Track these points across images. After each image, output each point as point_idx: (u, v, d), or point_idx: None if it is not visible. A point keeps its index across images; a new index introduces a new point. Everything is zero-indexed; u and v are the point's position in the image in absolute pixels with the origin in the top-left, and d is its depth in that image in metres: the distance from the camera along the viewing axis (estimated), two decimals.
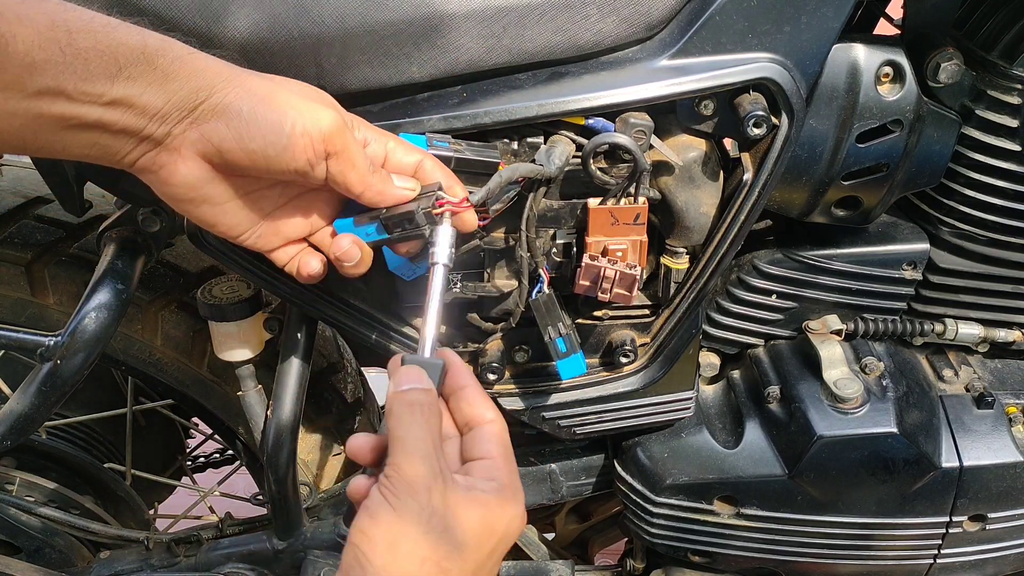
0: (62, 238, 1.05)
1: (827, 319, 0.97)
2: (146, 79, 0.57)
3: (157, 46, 0.58)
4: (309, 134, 0.61)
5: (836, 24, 0.75)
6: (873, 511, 0.97)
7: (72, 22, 0.55)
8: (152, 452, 1.37)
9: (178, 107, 0.59)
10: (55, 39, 0.54)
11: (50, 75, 0.54)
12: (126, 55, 0.57)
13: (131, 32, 0.58)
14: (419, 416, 0.59)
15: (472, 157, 0.73)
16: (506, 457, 0.63)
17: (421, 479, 0.57)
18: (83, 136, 0.58)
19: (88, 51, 0.55)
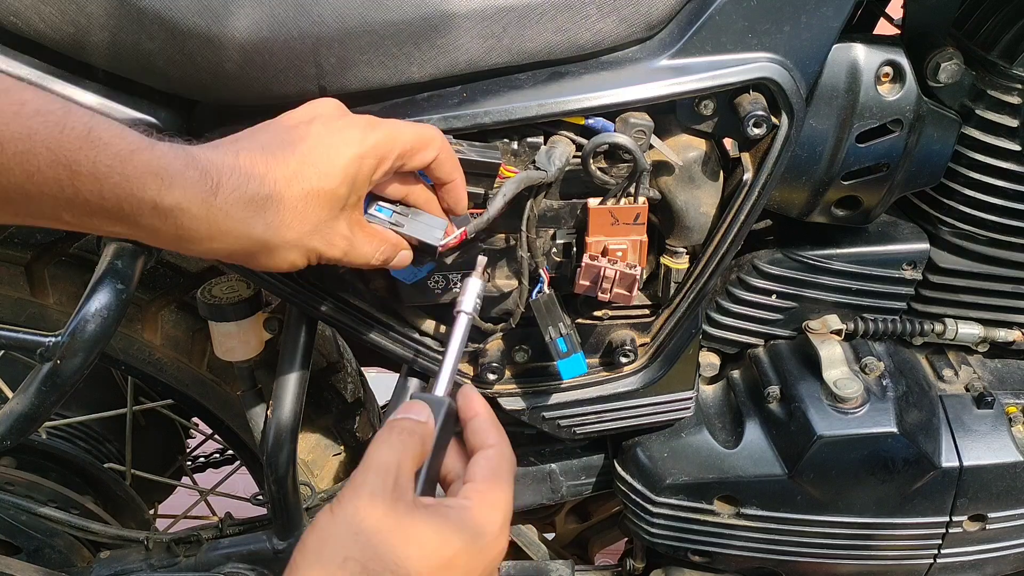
0: (62, 238, 1.05)
1: (827, 319, 0.97)
2: (154, 231, 0.58)
3: (170, 207, 0.57)
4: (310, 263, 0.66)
5: (836, 24, 0.75)
6: (873, 511, 0.97)
7: (80, 164, 0.53)
8: (152, 452, 1.37)
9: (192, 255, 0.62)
10: (55, 179, 0.53)
11: (46, 205, 0.54)
12: (133, 207, 0.56)
13: (147, 186, 0.55)
14: (394, 438, 0.60)
15: (473, 157, 0.73)
16: (491, 479, 0.62)
17: (366, 486, 0.57)
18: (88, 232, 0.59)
19: (91, 195, 0.54)
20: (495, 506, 0.60)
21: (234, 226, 0.60)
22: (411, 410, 0.63)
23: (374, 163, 0.65)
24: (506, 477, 0.63)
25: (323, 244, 0.64)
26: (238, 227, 0.60)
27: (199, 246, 0.60)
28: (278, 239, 0.62)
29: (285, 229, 0.62)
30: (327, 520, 0.56)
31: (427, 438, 0.62)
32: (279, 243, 0.62)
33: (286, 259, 0.64)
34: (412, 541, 0.56)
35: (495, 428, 0.65)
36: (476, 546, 0.58)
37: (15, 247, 1.03)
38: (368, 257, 0.68)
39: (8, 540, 1.11)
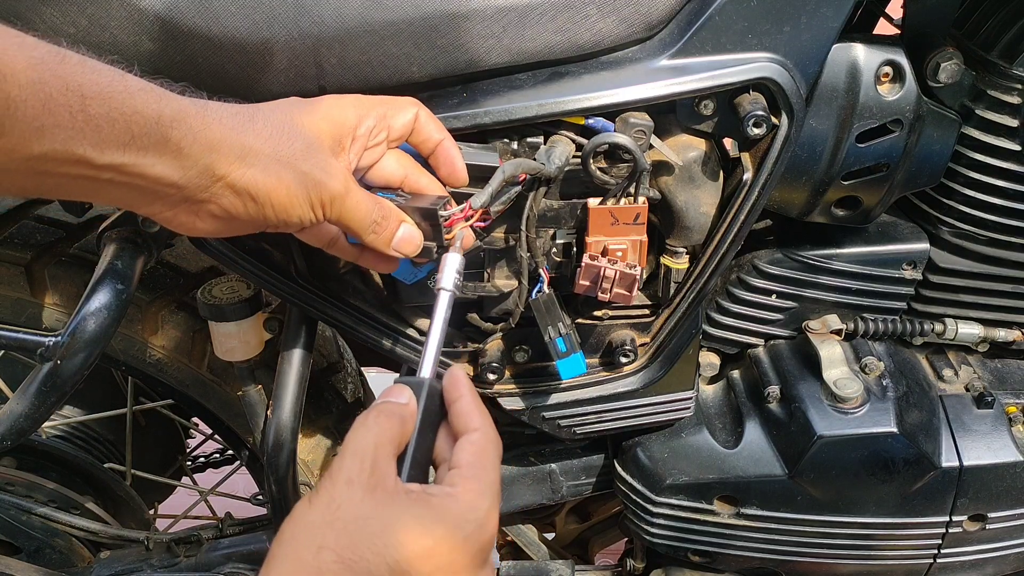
0: (62, 238, 1.05)
1: (827, 319, 0.97)
2: (158, 150, 0.57)
3: (172, 116, 0.57)
4: (313, 207, 0.64)
5: (836, 24, 0.75)
6: (873, 511, 0.97)
7: (87, 87, 0.54)
8: (152, 452, 1.37)
9: (193, 181, 0.59)
10: (67, 104, 0.53)
11: (59, 140, 0.53)
12: (140, 124, 0.56)
13: (148, 100, 0.56)
14: (371, 421, 0.59)
15: (470, 161, 0.72)
16: (476, 465, 0.60)
17: (342, 472, 0.56)
18: (94, 188, 0.58)
19: (100, 118, 0.54)
20: (481, 493, 0.58)
21: (227, 133, 0.60)
22: (391, 393, 0.62)
23: (354, 114, 0.66)
24: (491, 461, 0.61)
25: (319, 171, 0.63)
26: (230, 134, 0.60)
27: (200, 161, 0.59)
28: (268, 148, 0.61)
29: (275, 142, 0.62)
30: (303, 509, 0.55)
31: (407, 419, 0.61)
32: (270, 153, 0.61)
33: (281, 180, 0.62)
34: (392, 529, 0.54)
35: (479, 411, 0.63)
36: (460, 535, 0.56)
37: (15, 247, 1.03)
38: (368, 210, 0.66)
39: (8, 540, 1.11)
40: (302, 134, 0.63)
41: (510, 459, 1.05)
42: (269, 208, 0.62)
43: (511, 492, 1.05)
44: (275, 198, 0.62)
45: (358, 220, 0.66)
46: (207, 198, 0.61)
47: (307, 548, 0.53)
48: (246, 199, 0.62)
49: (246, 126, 0.61)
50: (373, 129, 0.67)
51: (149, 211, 0.61)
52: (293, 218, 0.64)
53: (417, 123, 0.69)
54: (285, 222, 0.64)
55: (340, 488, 0.55)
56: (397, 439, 0.59)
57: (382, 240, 0.68)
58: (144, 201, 0.60)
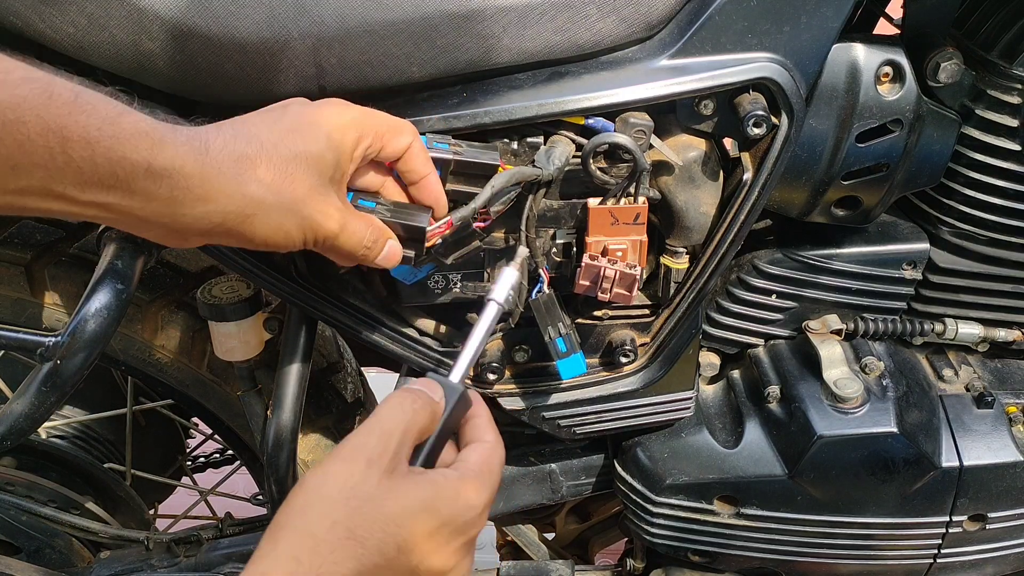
0: (62, 238, 1.05)
1: (827, 319, 0.97)
2: (145, 196, 0.56)
3: (163, 167, 0.56)
4: (305, 244, 0.65)
5: (836, 24, 0.75)
6: (873, 511, 0.97)
7: (71, 129, 0.52)
8: (152, 452, 1.37)
9: (184, 224, 0.59)
10: (46, 146, 0.51)
11: (36, 178, 0.52)
12: (127, 170, 0.55)
13: (139, 146, 0.55)
14: (407, 406, 0.60)
15: (472, 159, 0.73)
16: (483, 464, 0.62)
17: (365, 450, 0.57)
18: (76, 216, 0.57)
19: (83, 161, 0.53)
20: (483, 486, 0.61)
21: (227, 183, 0.59)
22: (428, 386, 0.63)
23: (355, 135, 0.65)
24: (496, 470, 0.64)
25: (318, 214, 0.63)
26: (231, 184, 0.59)
27: (194, 209, 0.58)
28: (271, 198, 0.61)
29: (277, 189, 0.61)
30: (318, 481, 0.56)
31: (436, 416, 0.62)
32: (272, 203, 0.61)
33: (281, 226, 0.62)
34: (403, 511, 0.56)
35: (493, 429, 0.66)
36: (461, 520, 0.59)
37: (15, 247, 1.03)
38: (360, 238, 0.67)
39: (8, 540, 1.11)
40: (306, 174, 0.63)
41: (510, 459, 1.05)
42: (262, 245, 0.63)
43: (511, 492, 1.05)
44: (270, 240, 0.63)
45: (349, 248, 0.67)
46: (198, 236, 0.62)
47: (320, 522, 0.55)
48: (240, 240, 0.63)
49: (248, 174, 0.60)
50: (370, 147, 0.67)
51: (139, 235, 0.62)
52: (282, 249, 0.65)
53: (409, 152, 0.69)
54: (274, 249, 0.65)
55: (360, 467, 0.56)
56: (423, 432, 0.61)
57: (368, 260, 0.69)
58: (131, 227, 0.60)
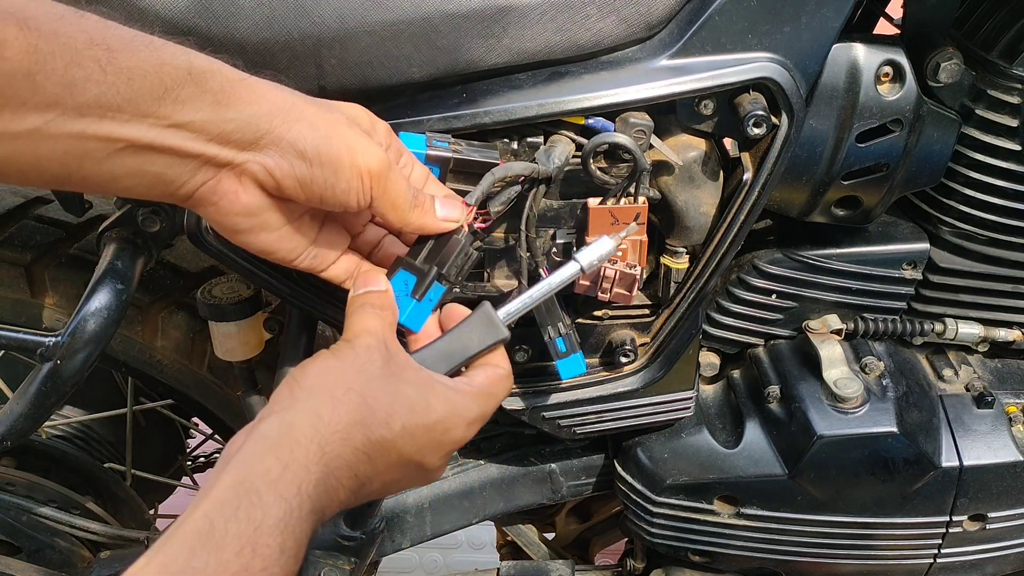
0: (62, 238, 1.05)
1: (827, 319, 0.97)
2: (196, 102, 0.55)
3: (204, 67, 0.55)
4: (361, 177, 0.61)
5: (836, 24, 0.75)
6: (873, 511, 0.97)
7: (112, 40, 0.52)
8: (152, 452, 1.37)
9: (237, 134, 0.57)
10: (94, 57, 0.51)
11: (92, 93, 0.51)
12: (172, 75, 0.54)
13: (176, 52, 0.55)
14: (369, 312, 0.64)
15: (471, 158, 0.73)
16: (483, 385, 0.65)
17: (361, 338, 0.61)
18: (133, 162, 0.55)
19: (131, 70, 0.52)
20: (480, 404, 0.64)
21: (268, 89, 0.58)
22: (368, 282, 0.66)
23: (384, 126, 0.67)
24: (499, 393, 0.67)
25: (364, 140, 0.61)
26: (272, 90, 0.59)
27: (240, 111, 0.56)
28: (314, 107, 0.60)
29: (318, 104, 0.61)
30: (328, 356, 0.60)
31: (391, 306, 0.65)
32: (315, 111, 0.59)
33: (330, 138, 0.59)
34: (403, 396, 0.60)
35: (506, 362, 0.69)
36: (447, 425, 0.62)
37: (15, 248, 1.03)
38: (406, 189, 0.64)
39: (8, 540, 1.11)
40: (340, 109, 0.63)
41: (510, 459, 1.05)
42: (318, 168, 0.59)
43: (511, 492, 1.05)
44: (324, 155, 0.59)
45: (401, 194, 0.63)
46: (251, 157, 0.58)
47: (337, 384, 0.58)
48: (293, 158, 0.58)
49: (284, 89, 0.60)
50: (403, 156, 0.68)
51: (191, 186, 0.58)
52: (341, 183, 0.60)
53: None
54: (334, 190, 0.60)
55: (361, 350, 0.60)
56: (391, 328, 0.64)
57: (427, 212, 0.66)
58: (185, 171, 0.57)
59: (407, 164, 0.68)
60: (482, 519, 1.06)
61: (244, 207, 0.60)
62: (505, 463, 1.05)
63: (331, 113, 0.61)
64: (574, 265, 0.70)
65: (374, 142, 0.62)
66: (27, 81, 0.49)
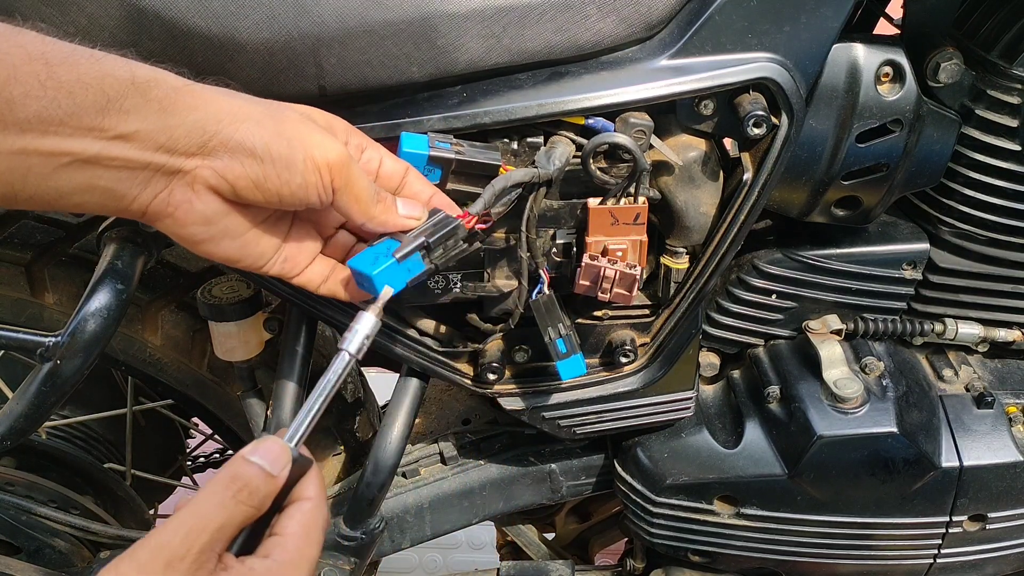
0: (62, 238, 1.05)
1: (827, 319, 0.97)
2: (141, 112, 0.54)
3: (148, 77, 0.55)
4: (319, 169, 0.59)
5: (836, 24, 0.75)
6: (873, 511, 0.97)
7: (51, 55, 0.52)
8: (152, 452, 1.37)
9: (184, 140, 0.55)
10: (33, 72, 0.51)
11: (32, 109, 0.51)
12: (114, 86, 0.53)
13: (117, 63, 0.54)
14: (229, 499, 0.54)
15: (474, 159, 0.73)
16: (300, 535, 0.57)
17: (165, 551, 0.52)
18: (80, 177, 0.54)
19: (72, 83, 0.52)
20: (298, 568, 0.56)
21: (213, 95, 0.57)
22: (266, 455, 0.56)
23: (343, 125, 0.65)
24: (316, 537, 0.58)
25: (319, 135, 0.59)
26: (219, 96, 0.57)
27: (185, 118, 0.55)
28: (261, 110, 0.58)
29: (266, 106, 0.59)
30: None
31: (269, 497, 0.56)
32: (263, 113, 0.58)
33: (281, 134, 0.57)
34: None
35: (317, 480, 0.60)
36: None
37: (15, 247, 1.03)
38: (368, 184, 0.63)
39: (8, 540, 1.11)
40: (293, 107, 0.61)
41: (510, 459, 1.05)
42: (271, 165, 0.58)
43: (511, 492, 1.05)
44: (275, 151, 0.57)
45: (364, 187, 0.62)
46: (200, 163, 0.56)
47: None
48: (244, 158, 0.57)
49: (231, 93, 0.58)
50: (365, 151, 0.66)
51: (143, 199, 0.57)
52: (296, 178, 0.58)
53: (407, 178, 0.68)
54: (290, 186, 0.59)
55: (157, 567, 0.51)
56: (248, 520, 0.55)
57: (389, 208, 0.64)
58: (135, 184, 0.56)
59: (372, 159, 0.67)
60: (482, 519, 1.06)
61: (201, 215, 0.59)
62: (505, 463, 1.05)
63: (281, 111, 0.60)
64: (344, 356, 0.63)
65: (330, 136, 0.61)
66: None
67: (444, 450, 1.05)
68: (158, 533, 0.53)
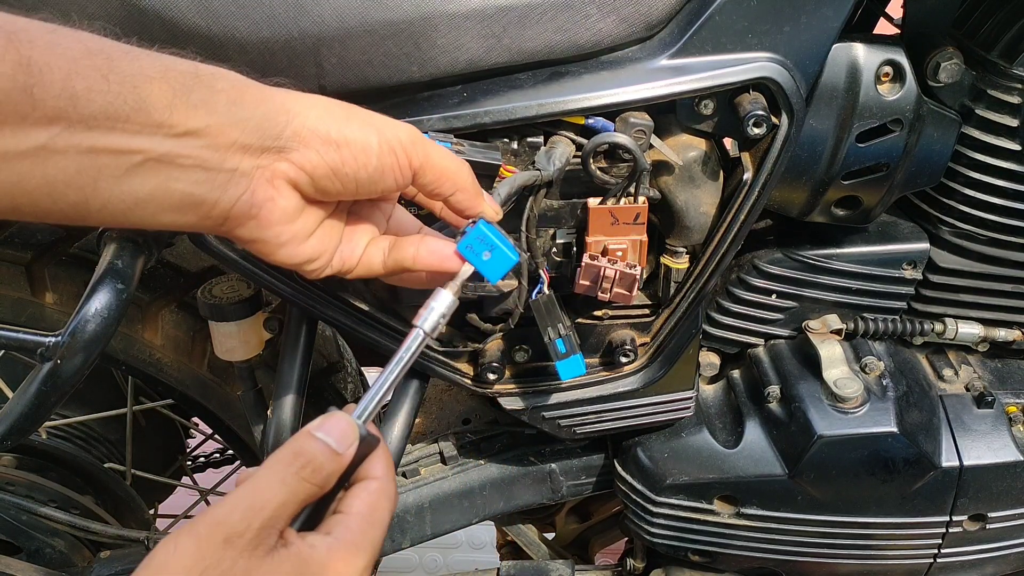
0: (62, 238, 1.05)
1: (827, 318, 0.97)
2: (209, 105, 0.52)
3: (211, 71, 0.53)
4: (394, 151, 0.58)
5: (836, 23, 0.75)
6: (873, 511, 0.97)
7: (111, 49, 0.50)
8: (152, 452, 1.37)
9: (257, 134, 0.53)
10: (94, 66, 0.48)
11: (97, 104, 0.48)
12: (179, 79, 0.51)
13: (178, 59, 0.53)
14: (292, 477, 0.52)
15: (474, 159, 0.72)
16: (364, 515, 0.55)
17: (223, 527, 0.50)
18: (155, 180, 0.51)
19: (135, 76, 0.50)
20: (360, 549, 0.54)
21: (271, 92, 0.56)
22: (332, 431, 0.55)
23: None
24: (382, 516, 0.56)
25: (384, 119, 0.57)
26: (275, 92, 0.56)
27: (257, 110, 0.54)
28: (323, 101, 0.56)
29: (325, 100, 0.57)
30: (165, 556, 0.49)
31: (333, 476, 0.54)
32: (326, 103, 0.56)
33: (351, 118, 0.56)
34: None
35: (385, 459, 0.58)
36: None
37: (15, 247, 1.03)
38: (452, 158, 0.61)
39: (8, 540, 1.11)
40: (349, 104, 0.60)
41: (510, 459, 1.05)
42: (347, 149, 0.56)
43: (511, 492, 1.05)
44: (349, 135, 0.56)
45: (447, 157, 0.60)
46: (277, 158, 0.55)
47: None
48: (320, 145, 0.55)
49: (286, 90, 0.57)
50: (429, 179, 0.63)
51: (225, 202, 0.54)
52: (373, 160, 0.56)
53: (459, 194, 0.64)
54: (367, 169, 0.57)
55: (215, 545, 0.49)
56: (311, 499, 0.54)
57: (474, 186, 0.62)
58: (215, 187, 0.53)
59: None
60: (482, 519, 1.07)
61: (284, 213, 0.57)
62: (505, 463, 1.05)
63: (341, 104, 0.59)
64: (419, 333, 0.61)
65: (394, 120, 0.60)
66: (24, 95, 0.47)
67: (444, 450, 1.05)
68: (218, 508, 0.51)
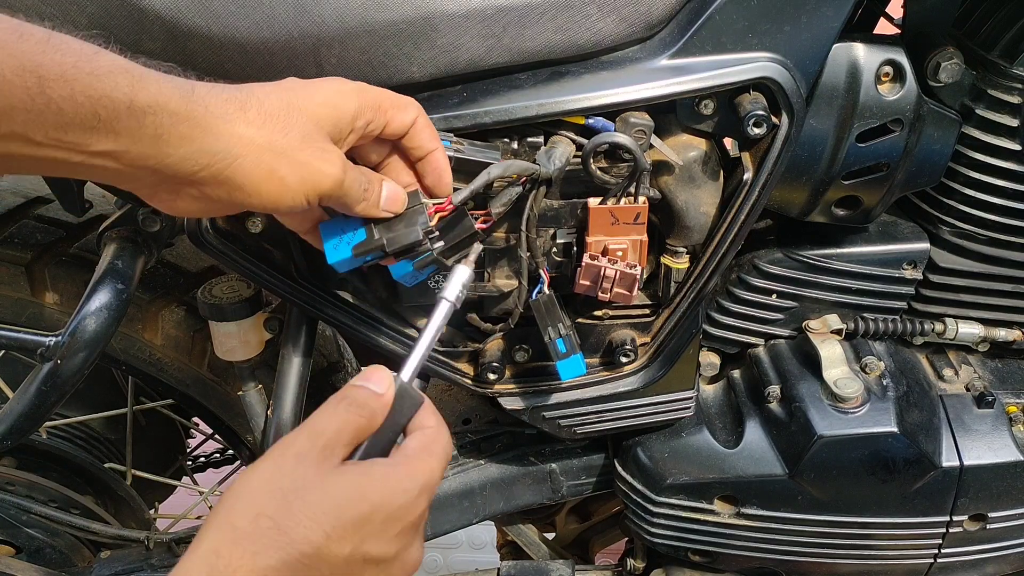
0: (62, 238, 1.05)
1: (827, 318, 0.97)
2: (131, 136, 0.54)
3: (147, 103, 0.54)
4: (307, 199, 0.62)
5: (836, 23, 0.75)
6: (873, 510, 0.97)
7: (46, 68, 0.51)
8: (152, 452, 1.37)
9: (172, 168, 0.56)
10: (23, 86, 0.50)
11: (17, 122, 0.51)
12: (108, 108, 0.53)
13: (119, 83, 0.53)
14: (341, 408, 0.59)
15: (473, 157, 0.73)
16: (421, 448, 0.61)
17: (293, 447, 0.57)
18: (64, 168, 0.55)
19: (62, 100, 0.51)
20: (417, 469, 0.60)
21: (214, 122, 0.57)
22: (371, 378, 0.62)
23: (355, 105, 0.63)
24: (438, 451, 0.62)
25: (317, 158, 0.61)
26: (218, 123, 0.57)
27: (179, 148, 0.56)
28: (262, 138, 0.58)
29: (269, 131, 0.59)
30: (246, 476, 0.56)
31: (377, 413, 0.61)
32: (263, 144, 0.59)
33: (274, 172, 0.59)
34: (330, 497, 0.55)
35: (434, 415, 0.64)
36: (395, 504, 0.58)
37: (15, 247, 1.03)
38: (358, 187, 0.64)
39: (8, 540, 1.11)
40: (299, 122, 0.61)
41: (510, 459, 1.05)
42: (256, 198, 0.60)
43: (511, 492, 1.05)
44: (264, 189, 0.60)
45: (352, 195, 0.64)
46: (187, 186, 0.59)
47: (244, 513, 0.54)
48: (231, 189, 0.59)
49: (236, 114, 0.58)
50: (372, 123, 0.65)
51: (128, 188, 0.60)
52: (283, 207, 0.62)
53: (414, 127, 0.67)
54: (273, 209, 0.62)
55: (288, 460, 0.56)
56: (361, 433, 0.60)
57: (372, 205, 0.66)
58: (120, 180, 0.58)
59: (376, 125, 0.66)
60: (482, 519, 1.07)
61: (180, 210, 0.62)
62: (505, 463, 1.05)
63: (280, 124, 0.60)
64: (445, 303, 0.68)
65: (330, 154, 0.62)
66: None
67: None
68: (286, 438, 0.58)
